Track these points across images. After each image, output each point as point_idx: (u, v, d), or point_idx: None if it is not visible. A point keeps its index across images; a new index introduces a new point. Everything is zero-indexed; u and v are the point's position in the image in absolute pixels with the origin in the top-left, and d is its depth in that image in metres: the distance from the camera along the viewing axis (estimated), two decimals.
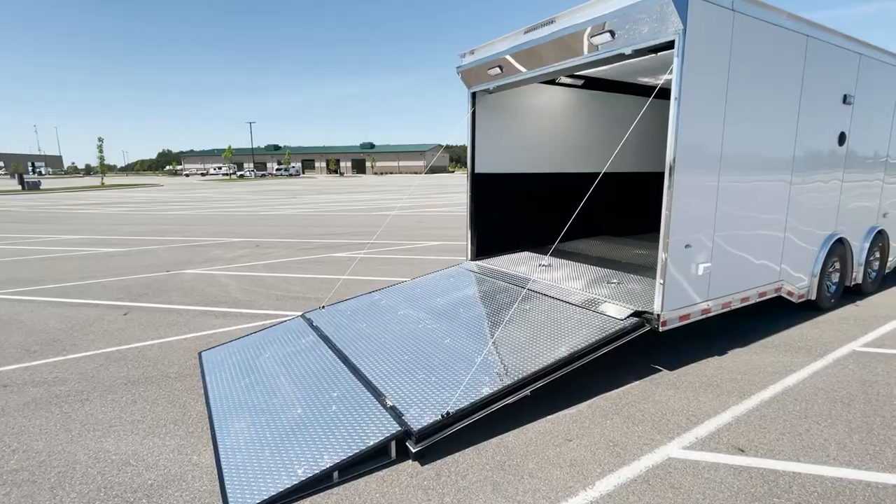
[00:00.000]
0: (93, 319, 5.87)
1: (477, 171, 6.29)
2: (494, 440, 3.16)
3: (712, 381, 4.00)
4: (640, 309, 4.12)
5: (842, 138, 5.50)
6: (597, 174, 5.85)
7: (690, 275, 4.17)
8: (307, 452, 2.88)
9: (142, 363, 4.50)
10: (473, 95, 6.07)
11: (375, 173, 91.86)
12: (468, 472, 2.82)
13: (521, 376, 3.40)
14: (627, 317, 4.05)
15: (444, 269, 6.31)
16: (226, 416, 3.42)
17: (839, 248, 5.87)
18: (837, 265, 5.98)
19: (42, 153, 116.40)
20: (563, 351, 3.67)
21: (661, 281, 3.99)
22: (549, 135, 6.87)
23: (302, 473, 2.70)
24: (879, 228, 6.52)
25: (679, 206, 3.95)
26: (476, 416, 3.14)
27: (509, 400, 3.29)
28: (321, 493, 2.66)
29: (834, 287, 6.02)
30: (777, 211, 4.93)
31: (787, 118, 4.77)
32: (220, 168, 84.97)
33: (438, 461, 2.94)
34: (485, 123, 6.21)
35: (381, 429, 2.98)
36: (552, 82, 6.62)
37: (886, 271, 6.95)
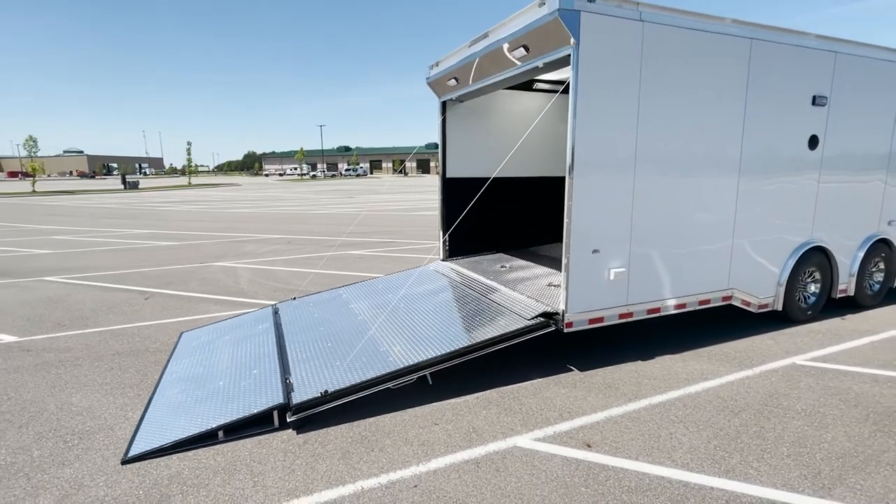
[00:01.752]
0: (120, 302, 6.96)
1: (448, 175, 6.64)
2: (372, 419, 3.56)
3: (613, 383, 4.10)
4: (550, 310, 4.30)
5: (813, 141, 5.22)
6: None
7: (600, 279, 4.28)
8: (207, 414, 3.46)
9: (135, 339, 5.37)
10: (444, 104, 6.42)
11: (437, 173, 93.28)
12: (329, 443, 3.26)
13: (407, 364, 3.76)
14: (534, 317, 4.25)
15: (414, 267, 6.74)
16: (169, 383, 4.11)
17: (816, 257, 5.55)
18: (817, 275, 5.65)
19: (147, 156, 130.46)
20: (459, 344, 3.98)
21: (565, 284, 4.16)
22: (521, 139, 7.03)
23: (194, 429, 3.29)
24: (881, 237, 6.02)
25: (581, 213, 4.09)
26: (354, 396, 3.56)
27: (391, 384, 3.67)
28: (208, 447, 3.22)
29: (813, 298, 5.69)
30: (721, 216, 4.83)
31: (727, 122, 4.66)
32: (295, 169, 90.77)
33: (313, 432, 3.40)
34: (456, 130, 6.54)
35: (268, 400, 3.50)
36: (526, 88, 6.81)
37: None
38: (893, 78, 5.61)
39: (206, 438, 3.28)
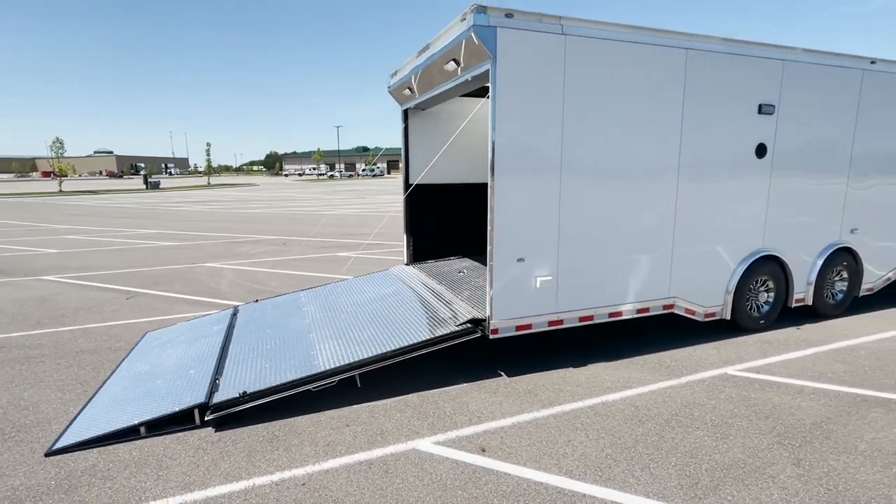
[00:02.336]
0: (103, 301, 7.32)
1: (411, 181, 6.78)
2: (290, 420, 3.73)
3: (535, 389, 4.18)
4: (478, 317, 4.41)
5: (761, 150, 5.18)
6: None
7: (527, 287, 4.37)
8: (135, 411, 3.69)
9: (103, 338, 5.68)
10: (405, 112, 6.57)
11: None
12: (240, 441, 3.44)
13: (331, 366, 3.93)
14: (462, 323, 4.36)
15: (377, 271, 6.91)
16: (114, 381, 4.37)
17: (768, 266, 5.50)
18: (770, 284, 5.59)
19: (173, 156, 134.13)
20: (386, 348, 4.12)
21: (489, 292, 4.26)
22: (484, 146, 7.09)
23: (119, 425, 3.52)
24: (842, 245, 5.91)
25: (505, 223, 4.18)
26: (273, 397, 3.74)
27: (311, 386, 3.84)
28: (129, 442, 3.44)
29: (767, 307, 5.64)
30: (659, 224, 4.84)
31: (661, 130, 4.67)
32: (314, 169, 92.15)
33: (230, 430, 3.59)
34: (418, 137, 6.68)
35: (192, 399, 3.71)
36: (482, 94, 6.88)
37: (863, 293, 6.26)
38: (849, 84, 5.53)
39: (128, 434, 3.50)
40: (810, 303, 5.86)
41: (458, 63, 4.40)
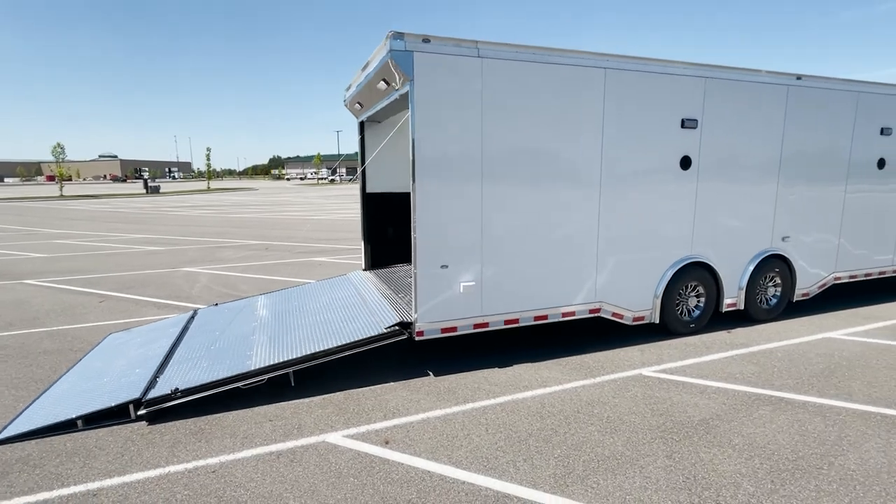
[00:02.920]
0: (77, 304, 7.65)
1: (368, 190, 7.09)
2: (220, 415, 4.02)
3: (455, 388, 4.46)
4: (406, 320, 4.70)
5: (685, 162, 5.45)
6: None
7: (451, 292, 4.65)
8: (76, 405, 3.99)
9: (67, 339, 6.00)
10: (361, 124, 6.88)
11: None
12: (168, 434, 3.74)
13: (261, 366, 4.22)
14: (391, 326, 4.65)
15: (335, 276, 7.21)
16: (66, 379, 4.68)
17: (697, 272, 5.76)
18: (700, 289, 5.85)
19: (178, 160, 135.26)
20: (317, 348, 4.41)
21: (414, 297, 4.55)
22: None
23: (59, 418, 3.82)
24: (773, 252, 6.17)
25: (428, 232, 4.48)
26: (204, 394, 4.03)
27: (240, 384, 4.13)
28: (67, 434, 3.74)
29: (697, 311, 5.90)
30: (582, 232, 5.11)
31: (582, 143, 4.95)
32: (315, 172, 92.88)
33: (162, 424, 3.88)
34: (373, 147, 6.98)
35: (127, 396, 4.01)
36: None
37: (799, 298, 6.51)
38: (775, 99, 5.80)
39: (66, 427, 3.79)
40: (742, 307, 6.12)
41: (387, 83, 4.71)
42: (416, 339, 4.61)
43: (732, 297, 6.06)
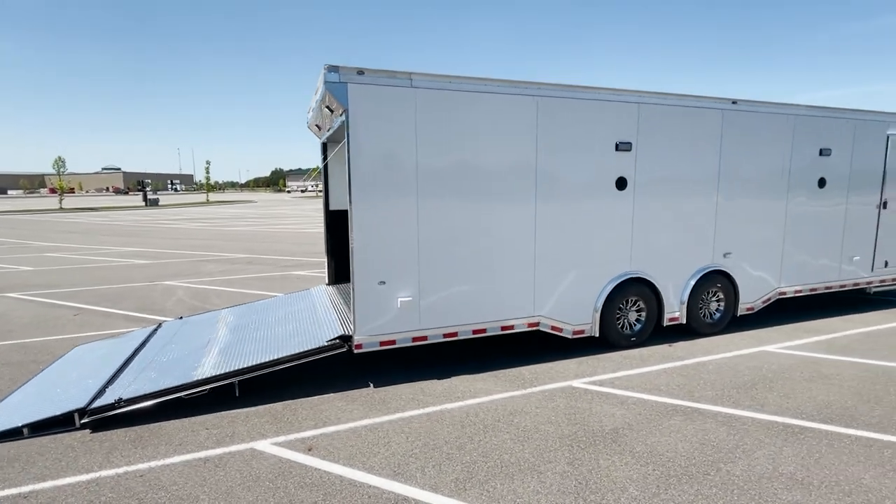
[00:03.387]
0: (53, 318, 7.91)
1: (331, 208, 7.38)
2: (161, 423, 4.25)
3: (388, 399, 4.68)
4: (347, 333, 4.94)
5: (621, 182, 5.73)
6: None
7: (389, 307, 4.90)
8: (24, 414, 4.23)
9: (35, 351, 6.25)
10: (324, 145, 7.20)
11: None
12: (107, 441, 3.97)
13: (204, 377, 4.46)
14: (332, 339, 4.89)
15: (298, 290, 7.47)
16: (22, 389, 4.92)
17: (637, 287, 6.00)
18: (641, 304, 6.09)
19: (180, 172, 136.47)
20: (258, 362, 4.66)
21: (353, 311, 4.80)
22: None
23: (5, 426, 4.06)
24: (715, 268, 6.41)
25: (366, 251, 4.75)
26: (147, 403, 4.27)
27: (182, 394, 4.37)
28: (13, 441, 3.98)
29: (639, 325, 6.13)
30: (518, 249, 5.36)
31: (516, 166, 5.24)
32: (316, 185, 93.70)
33: (104, 432, 4.11)
34: (337, 166, 7.29)
35: (73, 405, 4.25)
36: None
37: (744, 312, 6.73)
38: (711, 122, 6.09)
39: (12, 434, 4.03)
40: (684, 321, 6.34)
41: (330, 110, 5.02)
42: (355, 351, 4.85)
43: (674, 312, 6.28)
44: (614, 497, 3.19)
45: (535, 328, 5.57)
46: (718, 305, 6.60)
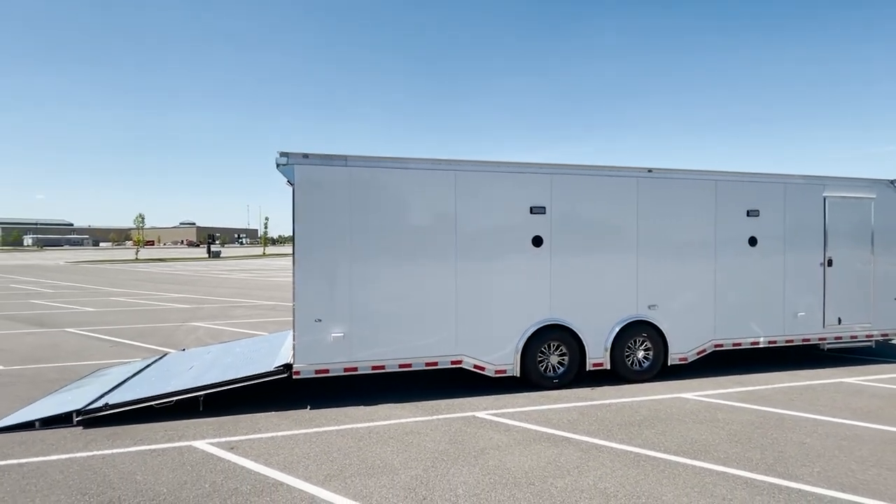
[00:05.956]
0: (94, 348, 9.57)
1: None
2: (135, 425, 5.41)
3: (315, 418, 5.62)
4: (289, 362, 6.00)
5: (537, 240, 6.60)
6: None
7: (324, 340, 5.94)
8: (40, 412, 5.55)
9: (67, 372, 7.74)
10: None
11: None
12: (91, 435, 5.16)
13: (168, 391, 5.64)
14: (278, 366, 5.96)
15: (274, 332, 8.69)
16: (48, 398, 6.31)
17: (558, 333, 6.67)
18: (563, 349, 6.72)
19: (248, 227, 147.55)
20: (211, 382, 5.79)
21: (293, 343, 5.88)
22: None
23: (22, 418, 5.38)
24: (640, 318, 6.97)
25: (305, 294, 5.90)
26: (125, 408, 5.47)
27: (152, 403, 5.55)
28: (29, 431, 5.26)
29: (562, 368, 6.73)
30: (440, 297, 6.28)
31: (437, 228, 6.29)
32: None
33: (93, 428, 5.32)
34: None
35: (73, 407, 5.52)
36: None
37: (676, 362, 7.13)
38: (626, 188, 6.91)
39: (27, 426, 5.34)
40: (609, 367, 6.87)
41: (290, 184, 6.39)
42: (294, 377, 5.88)
43: (598, 358, 6.85)
44: (441, 495, 3.92)
45: (458, 366, 6.38)
46: (646, 354, 7.08)
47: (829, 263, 7.85)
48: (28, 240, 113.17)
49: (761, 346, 7.57)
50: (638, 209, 6.99)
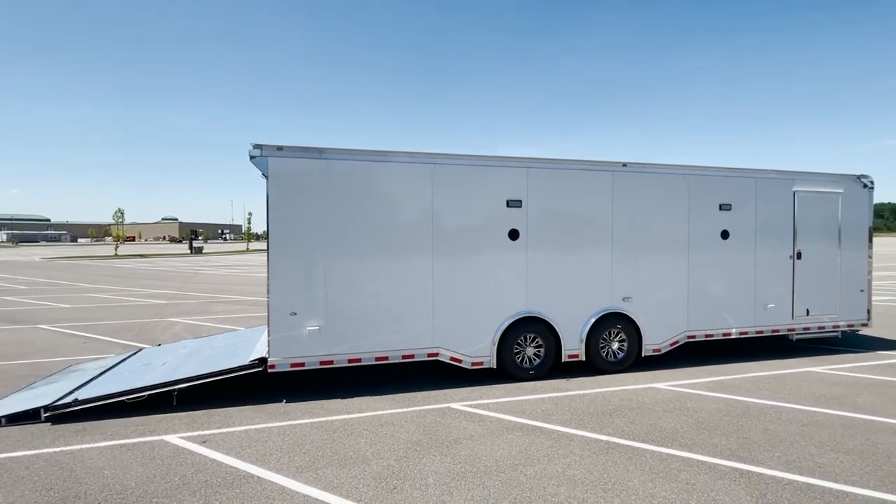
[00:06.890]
0: (66, 344, 9.39)
1: None
2: (106, 420, 5.33)
3: (290, 411, 5.60)
4: (264, 356, 5.96)
5: (514, 234, 6.65)
6: None
7: (299, 334, 5.92)
8: (5, 408, 5.44)
9: (38, 368, 7.59)
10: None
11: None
12: (59, 430, 5.08)
13: (142, 385, 5.58)
14: (253, 360, 5.93)
15: (252, 326, 8.63)
16: (16, 394, 6.18)
17: (534, 325, 6.74)
18: (539, 340, 6.80)
19: (231, 222, 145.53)
20: (184, 376, 5.73)
21: (268, 337, 5.85)
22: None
23: None
24: (614, 311, 7.08)
25: (280, 286, 5.87)
26: (95, 404, 5.40)
27: (123, 398, 5.48)
28: None
29: (538, 360, 6.81)
30: (417, 289, 6.30)
31: (414, 220, 6.30)
32: None
33: (62, 424, 5.23)
34: None
35: (41, 403, 5.43)
36: None
37: (650, 353, 7.27)
38: (601, 182, 6.99)
39: None
40: (584, 359, 6.97)
41: (265, 177, 6.33)
42: (269, 371, 5.86)
43: (573, 349, 6.94)
44: (412, 483, 3.96)
45: (435, 358, 6.41)
46: (621, 345, 7.20)
47: (799, 256, 8.06)
48: (2, 235, 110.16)
49: (733, 336, 7.75)
50: (613, 203, 7.08)
